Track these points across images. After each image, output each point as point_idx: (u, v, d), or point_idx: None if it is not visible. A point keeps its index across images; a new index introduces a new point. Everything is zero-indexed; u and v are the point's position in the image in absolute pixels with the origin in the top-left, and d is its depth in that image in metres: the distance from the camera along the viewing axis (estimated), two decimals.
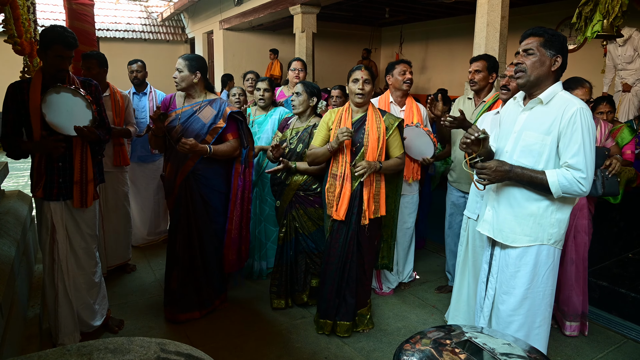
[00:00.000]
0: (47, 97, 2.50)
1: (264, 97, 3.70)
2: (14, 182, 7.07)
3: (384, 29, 12.44)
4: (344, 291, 2.98)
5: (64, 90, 2.52)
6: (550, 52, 2.08)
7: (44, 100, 2.50)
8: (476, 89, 3.35)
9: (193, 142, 2.87)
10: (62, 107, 2.53)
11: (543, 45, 2.08)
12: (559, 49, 2.08)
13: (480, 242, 2.88)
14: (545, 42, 2.08)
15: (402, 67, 3.51)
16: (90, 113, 2.58)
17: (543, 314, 2.26)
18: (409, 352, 1.60)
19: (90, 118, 2.59)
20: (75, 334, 2.79)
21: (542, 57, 2.09)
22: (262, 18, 9.36)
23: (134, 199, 4.52)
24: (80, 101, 2.56)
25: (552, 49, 2.08)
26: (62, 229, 2.70)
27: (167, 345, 1.54)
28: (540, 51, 2.09)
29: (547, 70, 2.10)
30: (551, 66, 2.09)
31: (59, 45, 2.50)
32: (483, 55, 3.40)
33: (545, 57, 2.09)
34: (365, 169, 2.72)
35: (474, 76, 3.31)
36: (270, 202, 3.75)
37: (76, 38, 2.59)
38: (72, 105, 2.55)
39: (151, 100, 4.38)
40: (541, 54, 2.09)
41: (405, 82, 3.50)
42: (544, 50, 2.08)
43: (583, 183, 2.02)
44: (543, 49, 2.08)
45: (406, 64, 3.54)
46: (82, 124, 2.57)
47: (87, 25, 4.48)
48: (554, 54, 2.08)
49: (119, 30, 12.92)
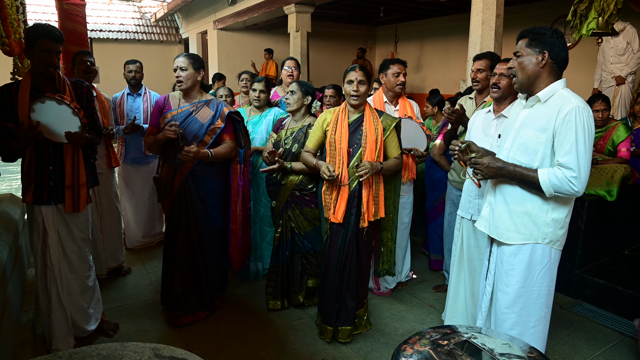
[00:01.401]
0: (33, 106, 2.47)
1: (260, 98, 3.67)
2: (6, 186, 7.01)
3: (378, 28, 12.43)
4: (344, 294, 2.94)
5: (48, 100, 2.49)
6: (535, 50, 2.09)
7: (32, 110, 2.47)
8: (479, 88, 3.30)
9: (195, 149, 2.85)
10: (50, 117, 2.51)
11: (528, 45, 2.10)
12: (544, 45, 2.08)
13: (475, 241, 2.87)
14: (529, 42, 2.10)
15: (396, 67, 3.45)
16: (77, 120, 2.56)
17: (538, 314, 2.24)
18: (407, 354, 1.58)
19: (79, 124, 2.57)
20: (69, 339, 2.75)
21: (527, 57, 2.11)
22: (256, 18, 9.33)
23: (128, 201, 4.50)
24: (65, 109, 2.54)
25: (536, 46, 2.08)
26: (54, 233, 2.66)
27: (161, 351, 1.51)
28: (525, 52, 2.11)
29: (535, 68, 2.10)
30: (539, 63, 2.09)
31: (44, 39, 2.46)
32: (486, 53, 3.33)
33: (531, 55, 2.10)
34: (367, 169, 2.70)
35: (476, 75, 3.25)
36: (265, 202, 3.72)
37: (62, 33, 2.55)
38: (59, 114, 2.53)
39: (145, 102, 4.34)
40: (527, 54, 2.11)
41: (398, 85, 3.46)
42: (529, 49, 2.10)
43: (574, 182, 2.00)
44: (528, 48, 2.10)
45: (401, 64, 3.48)
46: (72, 130, 2.54)
47: (79, 25, 4.45)
48: (539, 51, 2.08)
49: (112, 31, 12.85)
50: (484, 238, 2.65)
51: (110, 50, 12.46)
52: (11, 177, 7.38)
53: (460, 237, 2.95)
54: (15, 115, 2.52)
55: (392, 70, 3.45)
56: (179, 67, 2.96)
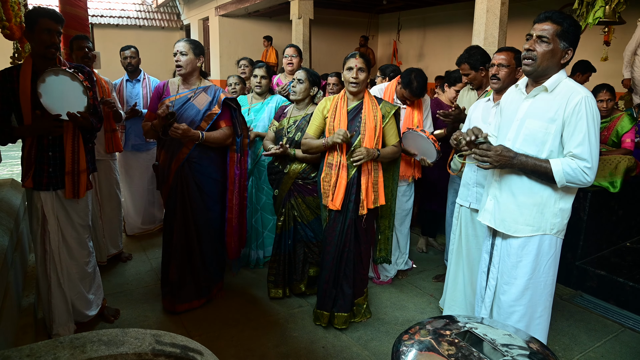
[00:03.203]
0: (45, 77, 2.41)
1: (261, 84, 3.65)
2: (7, 171, 7.00)
3: (381, 15, 12.30)
4: (341, 281, 2.95)
5: (62, 73, 2.43)
6: (563, 44, 2.00)
7: (42, 80, 2.41)
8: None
9: (185, 127, 2.82)
10: (58, 90, 2.45)
11: (559, 35, 1.99)
12: (572, 42, 2.01)
13: (473, 230, 2.87)
14: (561, 33, 1.99)
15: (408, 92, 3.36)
16: (85, 99, 2.50)
17: (544, 304, 2.24)
18: (408, 343, 1.58)
19: (85, 104, 2.51)
20: (70, 324, 2.76)
21: (555, 47, 2.01)
22: (258, 4, 9.23)
23: (128, 188, 4.49)
24: (77, 86, 2.48)
25: (566, 40, 2.00)
26: (54, 219, 2.65)
27: (162, 337, 1.51)
28: (554, 41, 2.00)
29: (557, 61, 2.04)
30: (561, 58, 2.03)
31: (45, 19, 2.43)
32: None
33: (558, 48, 2.01)
34: (362, 155, 2.68)
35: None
36: (267, 190, 3.71)
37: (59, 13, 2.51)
38: (68, 89, 2.47)
39: (145, 87, 4.31)
40: (555, 44, 2.00)
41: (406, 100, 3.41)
42: (558, 40, 2.00)
43: (588, 173, 1.99)
44: (558, 39, 2.00)
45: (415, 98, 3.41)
46: (76, 110, 2.49)
47: (80, 10, 4.40)
48: (566, 46, 2.01)
49: (113, 17, 12.74)
50: (482, 227, 2.64)
51: (111, 36, 12.36)
52: (12, 162, 7.37)
53: (459, 225, 2.95)
54: (16, 100, 2.50)
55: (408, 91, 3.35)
56: (179, 51, 2.94)
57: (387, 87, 3.58)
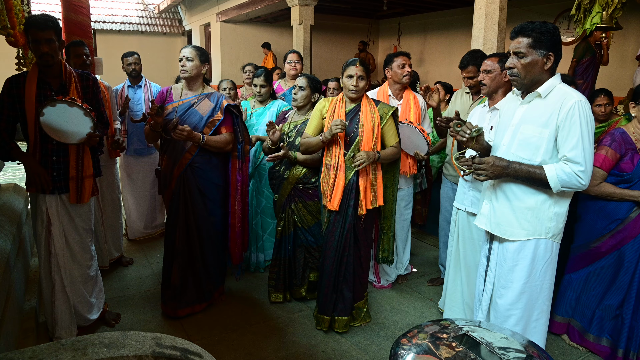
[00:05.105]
0: (44, 111, 2.46)
1: (261, 93, 3.69)
2: (10, 176, 7.03)
3: (381, 21, 12.36)
4: (341, 285, 2.97)
5: (59, 103, 2.48)
6: (540, 52, 2.03)
7: (42, 114, 2.46)
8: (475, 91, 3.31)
9: (189, 129, 2.86)
10: (61, 119, 2.51)
11: (532, 46, 2.03)
12: (549, 46, 2.03)
13: (469, 233, 2.90)
14: (534, 43, 2.02)
15: (401, 59, 3.46)
16: (89, 120, 2.56)
17: (540, 307, 2.26)
18: (406, 346, 1.59)
19: (90, 125, 2.57)
20: (72, 328, 2.78)
21: (533, 59, 2.04)
22: (259, 10, 9.29)
23: (130, 193, 4.52)
24: (77, 111, 2.52)
25: (542, 48, 2.02)
26: (58, 222, 2.68)
27: (162, 340, 1.53)
28: (531, 53, 2.03)
29: (540, 70, 2.06)
30: (544, 65, 2.05)
31: (32, 29, 2.46)
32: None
33: (537, 58, 2.04)
34: (363, 159, 2.71)
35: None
36: (267, 194, 3.73)
37: (48, 19, 2.52)
38: (70, 116, 2.52)
39: (146, 93, 4.34)
40: (532, 55, 2.03)
41: (405, 75, 3.47)
42: (533, 51, 2.03)
43: (582, 176, 2.01)
44: (533, 50, 2.03)
45: (405, 56, 3.49)
46: (84, 131, 2.56)
47: (82, 17, 4.43)
48: (544, 53, 2.03)
49: (116, 23, 12.82)
50: (479, 230, 2.66)
51: (113, 42, 12.44)
52: (15, 167, 7.40)
53: (456, 228, 2.98)
54: (22, 106, 2.54)
55: (397, 62, 3.46)
56: (185, 57, 2.98)
57: (379, 90, 3.61)
